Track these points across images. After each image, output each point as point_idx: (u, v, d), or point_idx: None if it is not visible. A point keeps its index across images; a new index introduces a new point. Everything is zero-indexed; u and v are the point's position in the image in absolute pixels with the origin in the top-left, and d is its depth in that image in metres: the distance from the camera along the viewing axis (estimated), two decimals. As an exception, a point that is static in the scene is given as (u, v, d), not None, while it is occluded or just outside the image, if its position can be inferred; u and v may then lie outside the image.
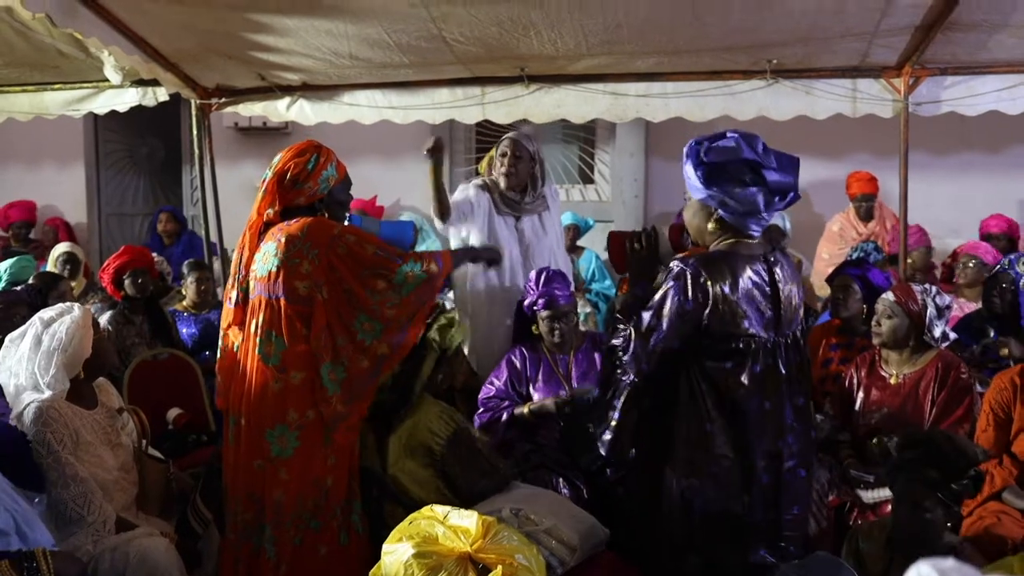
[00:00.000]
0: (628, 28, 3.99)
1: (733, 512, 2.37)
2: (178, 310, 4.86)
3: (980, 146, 6.53)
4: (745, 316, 2.31)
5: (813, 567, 1.93)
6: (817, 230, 6.50)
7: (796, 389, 2.42)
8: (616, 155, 7.30)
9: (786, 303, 2.39)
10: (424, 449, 2.79)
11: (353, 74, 4.76)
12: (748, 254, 2.36)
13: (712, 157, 2.31)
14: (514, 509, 2.48)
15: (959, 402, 3.15)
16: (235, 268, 2.85)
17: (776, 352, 2.37)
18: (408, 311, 2.75)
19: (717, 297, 2.29)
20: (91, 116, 7.55)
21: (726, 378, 2.33)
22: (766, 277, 2.36)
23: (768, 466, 2.38)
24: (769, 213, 2.33)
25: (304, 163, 2.78)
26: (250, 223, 2.82)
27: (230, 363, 2.82)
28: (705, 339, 2.33)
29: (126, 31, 4.21)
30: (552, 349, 3.55)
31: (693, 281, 2.29)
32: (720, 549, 2.39)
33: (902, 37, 4.13)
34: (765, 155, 2.31)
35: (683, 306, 2.30)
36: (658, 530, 2.48)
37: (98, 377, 2.91)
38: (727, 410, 2.34)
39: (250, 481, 2.71)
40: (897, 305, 3.27)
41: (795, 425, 2.41)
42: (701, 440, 2.35)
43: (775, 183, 2.30)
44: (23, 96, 5.26)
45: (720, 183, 2.30)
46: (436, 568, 1.83)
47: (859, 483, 3.13)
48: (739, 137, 2.33)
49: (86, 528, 2.55)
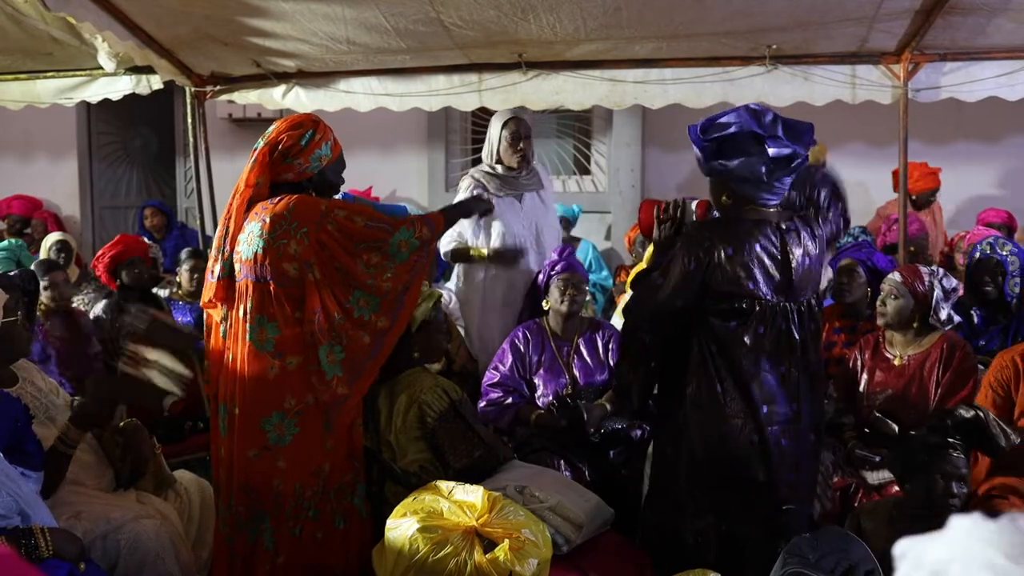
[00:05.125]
0: (627, 11, 3.96)
1: (750, 475, 2.41)
2: (173, 299, 4.84)
3: (977, 135, 6.53)
4: (750, 278, 2.40)
5: (824, 541, 1.92)
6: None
7: (811, 355, 2.49)
8: (613, 145, 7.28)
9: (798, 269, 2.44)
10: (417, 422, 2.74)
11: (349, 60, 4.72)
12: (757, 219, 2.46)
13: (711, 134, 2.44)
14: (518, 487, 2.45)
15: (964, 382, 3.14)
16: (219, 241, 2.71)
17: (788, 317, 2.43)
18: (404, 280, 2.65)
19: (720, 258, 2.39)
20: (84, 108, 7.57)
21: (731, 337, 2.42)
22: (776, 243, 2.43)
23: (787, 430, 2.43)
24: (780, 181, 2.40)
25: (298, 137, 2.66)
26: (238, 192, 2.69)
27: (218, 349, 2.72)
28: (709, 299, 2.43)
29: (120, 16, 4.16)
30: (558, 329, 3.54)
31: (696, 243, 2.42)
32: (733, 510, 2.43)
33: (901, 22, 4.12)
34: (772, 126, 2.39)
35: (687, 267, 2.41)
36: (670, 493, 2.51)
37: (9, 362, 2.67)
38: (736, 371, 2.41)
39: (245, 472, 2.62)
40: (903, 286, 3.25)
41: (810, 390, 2.48)
42: (711, 401, 2.43)
43: (776, 152, 2.39)
44: (15, 84, 5.19)
45: (720, 157, 2.43)
46: (442, 542, 1.81)
47: (865, 464, 3.12)
48: (742, 111, 2.43)
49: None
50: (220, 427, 2.70)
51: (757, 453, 2.41)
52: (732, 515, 2.44)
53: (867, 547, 1.95)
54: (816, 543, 1.91)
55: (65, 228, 7.44)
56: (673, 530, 2.51)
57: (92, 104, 5.88)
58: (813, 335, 2.51)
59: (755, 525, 2.44)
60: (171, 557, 2.57)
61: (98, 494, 2.68)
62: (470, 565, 1.78)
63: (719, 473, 2.43)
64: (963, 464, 2.47)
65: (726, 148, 2.41)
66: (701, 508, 2.46)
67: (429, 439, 2.73)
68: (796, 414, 2.44)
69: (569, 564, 2.42)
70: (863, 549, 1.92)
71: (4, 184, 7.67)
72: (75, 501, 2.57)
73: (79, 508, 2.55)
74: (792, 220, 2.51)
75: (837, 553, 1.90)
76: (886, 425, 3.09)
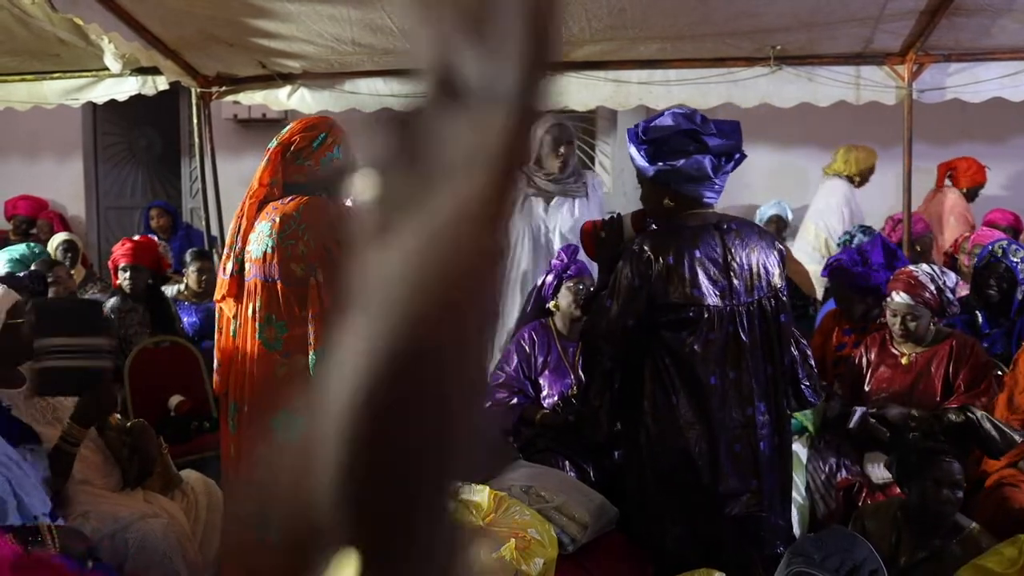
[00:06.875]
0: (632, 12, 3.97)
1: (704, 482, 2.39)
2: (179, 299, 4.85)
3: (982, 136, 6.52)
4: (694, 285, 2.38)
5: (829, 540, 1.92)
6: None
7: (766, 358, 2.45)
8: (617, 146, 7.28)
9: (740, 271, 2.42)
10: None
11: (355, 61, 4.74)
12: (696, 225, 2.44)
13: (652, 135, 2.42)
14: (524, 486, 2.46)
15: (984, 376, 3.15)
16: (232, 238, 2.73)
17: (736, 320, 2.40)
18: None
19: (661, 270, 2.37)
20: (89, 108, 7.58)
21: (683, 348, 2.39)
22: (718, 247, 2.42)
23: (740, 435, 2.40)
24: (720, 176, 2.42)
25: (310, 139, 2.67)
26: (250, 191, 2.70)
27: (228, 346, 2.74)
28: (658, 312, 2.40)
29: (127, 18, 4.19)
30: (564, 330, 3.55)
31: (637, 258, 2.39)
32: (697, 519, 2.42)
33: (906, 22, 4.12)
34: (703, 124, 2.41)
35: (632, 283, 2.39)
36: (645, 504, 2.52)
37: (17, 364, 2.68)
38: (689, 381, 2.38)
39: (252, 470, 2.65)
40: (917, 305, 3.24)
41: (766, 394, 2.44)
42: (668, 412, 2.40)
43: (717, 146, 2.40)
44: (21, 85, 5.22)
45: (664, 157, 2.41)
46: (448, 542, 1.82)
47: (878, 435, 3.07)
48: (674, 113, 2.45)
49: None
50: (229, 425, 2.72)
51: (709, 462, 2.38)
52: (701, 524, 2.42)
53: (871, 547, 1.95)
54: (821, 543, 1.92)
55: (71, 228, 7.46)
56: (658, 536, 2.50)
57: (98, 105, 5.91)
58: (767, 336, 2.45)
59: (723, 533, 2.41)
60: (179, 556, 2.57)
61: (105, 493, 2.70)
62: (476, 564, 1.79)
63: (681, 483, 2.41)
64: (956, 470, 2.46)
65: (663, 150, 2.39)
66: (674, 518, 2.44)
67: None
68: (750, 419, 2.40)
69: (574, 563, 2.43)
70: (867, 549, 1.93)
71: (10, 185, 7.68)
72: (83, 500, 2.58)
73: (87, 507, 2.56)
74: (732, 220, 2.50)
75: (841, 553, 1.91)
76: (878, 431, 3.08)
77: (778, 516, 2.51)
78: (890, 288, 3.34)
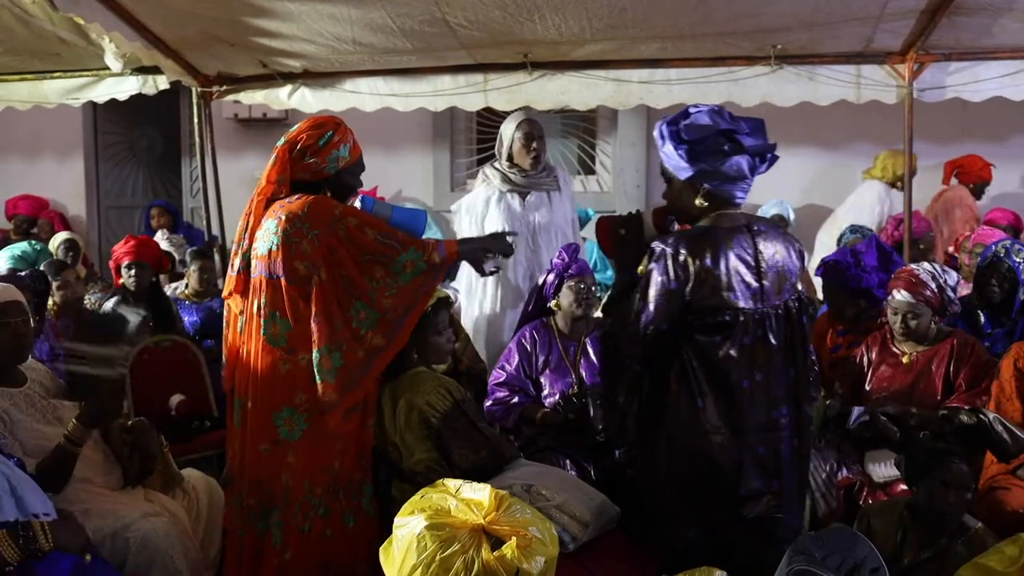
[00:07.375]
0: (632, 11, 3.97)
1: (725, 484, 2.36)
2: (180, 298, 4.85)
3: (982, 135, 6.52)
4: (730, 289, 2.32)
5: (830, 539, 1.92)
6: (819, 218, 6.48)
7: (789, 360, 2.41)
8: (617, 145, 7.29)
9: (771, 273, 2.38)
10: (422, 422, 2.74)
11: (355, 60, 4.74)
12: (730, 227, 2.38)
13: (692, 134, 2.35)
14: (525, 485, 2.46)
15: (985, 375, 3.16)
16: (239, 235, 2.76)
17: (765, 323, 2.36)
18: (405, 301, 2.66)
19: (699, 273, 2.30)
20: (90, 108, 7.58)
21: (716, 352, 2.34)
22: (750, 249, 2.37)
23: (764, 437, 2.37)
24: (753, 176, 2.38)
25: (317, 137, 2.69)
26: (259, 189, 2.73)
27: (235, 342, 2.77)
28: (692, 315, 2.34)
29: (127, 17, 4.20)
30: (565, 329, 3.56)
31: (673, 260, 2.31)
32: (715, 521, 2.39)
33: (906, 22, 4.12)
34: (735, 122, 2.36)
35: (667, 286, 2.31)
36: (659, 507, 2.48)
37: (19, 363, 2.71)
38: (719, 384, 2.34)
39: (256, 466, 2.66)
40: (918, 304, 3.25)
41: (788, 396, 2.41)
42: (692, 417, 2.35)
43: (753, 146, 2.35)
44: (22, 84, 5.22)
45: (703, 157, 2.34)
46: (449, 540, 1.82)
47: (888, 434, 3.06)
48: (709, 111, 2.37)
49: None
50: (235, 420, 2.75)
51: (733, 464, 2.35)
52: (719, 527, 2.39)
53: (872, 545, 1.96)
54: (822, 541, 1.92)
55: (71, 228, 7.46)
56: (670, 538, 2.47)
57: (98, 104, 5.91)
58: (791, 339, 2.42)
59: (740, 534, 2.38)
60: (180, 555, 2.58)
61: (106, 492, 2.71)
62: (477, 563, 1.79)
63: (701, 486, 2.37)
64: (964, 473, 2.47)
65: (699, 150, 2.34)
66: (689, 520, 2.41)
67: (435, 439, 2.74)
68: (774, 422, 2.38)
69: (575, 562, 2.44)
70: (868, 547, 1.93)
71: (11, 184, 7.69)
72: (84, 499, 2.59)
73: (87, 506, 2.57)
74: (760, 221, 2.45)
75: (842, 551, 1.91)
76: (888, 430, 3.07)
77: (794, 517, 2.49)
78: (891, 286, 3.35)
